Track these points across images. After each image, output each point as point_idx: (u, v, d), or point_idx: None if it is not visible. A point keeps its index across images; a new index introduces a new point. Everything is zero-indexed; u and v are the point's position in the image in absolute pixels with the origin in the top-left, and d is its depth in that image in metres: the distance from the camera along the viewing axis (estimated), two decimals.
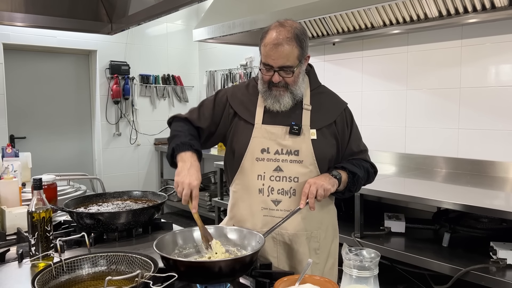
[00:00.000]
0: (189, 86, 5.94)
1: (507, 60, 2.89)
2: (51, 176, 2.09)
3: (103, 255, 1.29)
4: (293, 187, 1.57)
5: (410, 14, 2.91)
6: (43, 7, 2.61)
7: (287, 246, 1.61)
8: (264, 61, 1.53)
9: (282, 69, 1.51)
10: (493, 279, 2.11)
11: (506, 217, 2.14)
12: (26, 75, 4.86)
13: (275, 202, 1.57)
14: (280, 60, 1.49)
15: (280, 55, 1.48)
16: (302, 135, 1.57)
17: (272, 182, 1.57)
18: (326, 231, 1.66)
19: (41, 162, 4.51)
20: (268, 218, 1.58)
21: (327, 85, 1.77)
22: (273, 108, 1.58)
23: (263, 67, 1.54)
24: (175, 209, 5.86)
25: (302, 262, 1.59)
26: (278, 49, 1.47)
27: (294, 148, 1.57)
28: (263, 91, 1.59)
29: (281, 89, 1.55)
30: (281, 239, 1.60)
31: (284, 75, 1.52)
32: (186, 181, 1.41)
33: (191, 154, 1.49)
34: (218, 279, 1.22)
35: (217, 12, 3.97)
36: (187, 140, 1.53)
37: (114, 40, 5.01)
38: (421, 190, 2.69)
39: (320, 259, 1.63)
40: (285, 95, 1.55)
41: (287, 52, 1.48)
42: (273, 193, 1.57)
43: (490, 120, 2.99)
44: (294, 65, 1.51)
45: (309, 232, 1.61)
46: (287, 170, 1.57)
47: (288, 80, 1.53)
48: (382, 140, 3.61)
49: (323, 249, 1.65)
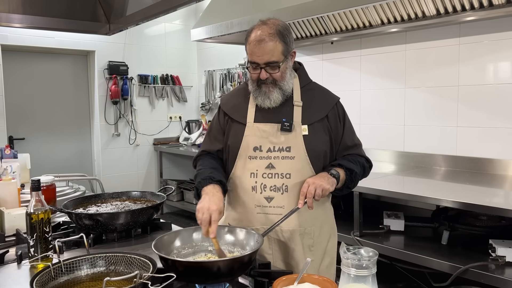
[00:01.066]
0: (188, 86, 5.94)
1: (505, 58, 2.89)
2: (50, 177, 2.09)
3: (101, 255, 1.29)
4: (285, 184, 1.58)
5: (408, 13, 2.91)
6: (40, 8, 2.60)
7: (281, 243, 1.61)
8: (250, 59, 1.56)
9: (268, 65, 1.54)
10: (492, 276, 2.11)
11: (505, 214, 2.14)
12: (25, 76, 4.86)
13: (268, 199, 1.59)
14: (265, 56, 1.52)
15: (264, 51, 1.51)
16: (294, 131, 1.59)
17: (264, 179, 1.59)
18: (320, 228, 1.67)
19: (40, 163, 4.50)
20: (262, 215, 1.60)
21: (326, 84, 1.78)
22: (264, 104, 1.61)
23: (250, 66, 1.58)
24: (174, 209, 5.86)
25: (296, 258, 1.60)
26: (261, 46, 1.51)
27: (286, 145, 1.58)
28: (253, 89, 1.62)
29: (269, 85, 1.58)
30: (275, 236, 1.61)
31: (270, 71, 1.55)
32: (206, 206, 1.42)
33: (213, 186, 1.52)
34: (217, 279, 1.22)
35: (215, 12, 3.97)
36: (207, 174, 1.57)
37: (112, 40, 5.00)
38: (420, 188, 2.69)
39: (314, 256, 1.63)
40: (274, 91, 1.58)
41: (271, 48, 1.51)
42: (265, 190, 1.59)
43: (488, 117, 2.99)
44: (279, 60, 1.54)
45: (302, 228, 1.61)
46: (279, 166, 1.58)
47: (276, 76, 1.56)
48: (381, 139, 3.61)
49: (317, 246, 1.65)
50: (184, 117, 5.93)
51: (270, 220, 1.55)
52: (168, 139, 5.78)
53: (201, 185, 1.54)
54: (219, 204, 1.44)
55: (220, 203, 1.45)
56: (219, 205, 1.43)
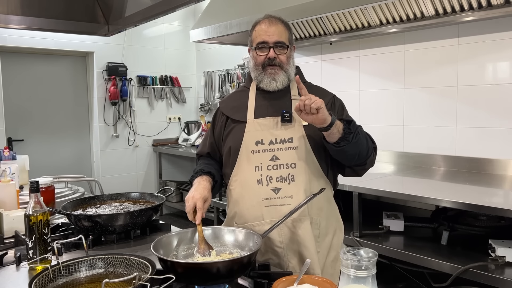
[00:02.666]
0: (187, 87, 5.94)
1: (504, 58, 2.90)
2: (48, 179, 2.09)
3: (100, 257, 1.29)
4: (291, 173, 1.58)
5: (407, 13, 2.91)
6: (39, 9, 2.60)
7: (290, 232, 1.59)
8: (259, 40, 1.61)
9: (277, 45, 1.60)
10: (492, 276, 2.11)
11: (504, 214, 2.14)
12: (23, 78, 4.85)
13: (275, 190, 1.58)
14: (275, 36, 1.60)
15: (275, 31, 1.60)
16: (294, 122, 1.61)
17: (269, 171, 1.59)
18: (327, 219, 1.65)
19: (38, 164, 4.50)
20: (270, 208, 1.57)
21: (325, 84, 1.78)
22: (270, 87, 1.63)
23: (257, 48, 1.63)
24: (173, 210, 5.85)
25: (307, 246, 1.57)
26: (272, 26, 1.61)
27: (287, 136, 1.60)
28: (258, 74, 1.65)
29: (276, 67, 1.62)
30: (284, 226, 1.57)
31: (278, 52, 1.61)
32: (191, 195, 1.52)
33: (201, 177, 1.62)
34: (216, 280, 1.22)
35: (214, 13, 3.97)
36: (199, 169, 1.68)
37: (111, 41, 5.00)
38: (420, 188, 2.69)
39: (321, 247, 1.62)
40: (280, 73, 1.62)
41: (281, 30, 1.62)
42: (272, 181, 1.58)
43: (487, 117, 2.99)
44: (286, 43, 1.62)
45: (310, 217, 1.60)
46: (284, 157, 1.59)
47: (282, 58, 1.62)
48: (380, 139, 3.58)
49: (323, 237, 1.63)
50: (183, 118, 5.93)
51: (279, 212, 1.54)
52: (167, 140, 5.78)
53: (192, 179, 1.64)
54: (203, 192, 1.53)
55: (204, 191, 1.54)
56: (202, 193, 1.52)
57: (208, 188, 1.57)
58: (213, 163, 1.75)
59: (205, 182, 1.59)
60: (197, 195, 1.50)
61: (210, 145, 1.80)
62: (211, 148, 1.79)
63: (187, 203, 1.49)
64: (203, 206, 1.49)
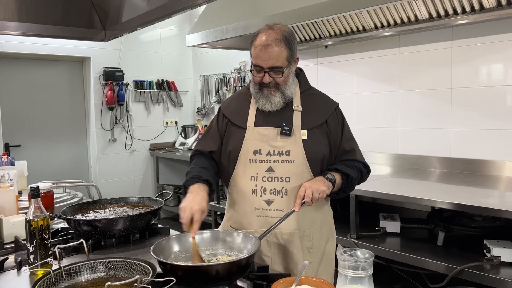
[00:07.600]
0: (184, 91, 5.95)
1: (497, 60, 2.93)
2: (47, 184, 2.10)
3: (101, 261, 1.30)
4: (285, 187, 1.60)
5: (401, 17, 2.95)
6: (36, 15, 2.61)
7: (280, 246, 1.63)
8: (254, 62, 1.59)
9: (272, 69, 1.56)
10: (487, 276, 2.13)
11: (499, 215, 2.17)
12: (20, 83, 4.85)
13: (268, 202, 1.60)
14: (270, 61, 1.55)
15: (270, 56, 1.54)
16: (293, 136, 1.61)
17: (264, 183, 1.61)
18: (319, 230, 1.69)
19: (36, 169, 4.49)
20: (261, 218, 1.61)
21: (321, 87, 1.80)
22: (265, 108, 1.63)
23: (254, 69, 1.60)
24: (172, 214, 5.85)
25: (295, 261, 1.62)
26: (267, 50, 1.53)
27: (285, 149, 1.61)
28: (255, 92, 1.64)
29: (272, 89, 1.60)
30: (274, 240, 1.63)
31: (274, 75, 1.58)
32: (188, 205, 1.45)
33: (199, 185, 1.55)
34: (216, 282, 1.23)
35: (210, 17, 3.99)
36: (196, 173, 1.60)
37: (107, 46, 5.01)
38: (416, 190, 2.72)
39: (313, 257, 1.66)
40: (276, 94, 1.60)
41: (276, 53, 1.54)
42: (265, 193, 1.61)
43: (482, 119, 3.02)
44: (283, 65, 1.57)
45: (302, 231, 1.63)
46: (279, 170, 1.60)
47: (278, 80, 1.59)
48: (376, 141, 3.64)
49: (316, 248, 1.67)
50: (180, 122, 5.94)
51: (269, 223, 1.57)
52: (164, 144, 5.79)
53: (188, 184, 1.57)
54: (202, 204, 1.47)
55: (203, 202, 1.48)
56: (201, 204, 1.46)
57: (206, 199, 1.52)
58: (209, 168, 1.68)
59: (203, 193, 1.53)
60: (196, 207, 1.44)
61: (215, 142, 1.72)
62: (217, 145, 1.72)
63: (184, 213, 1.43)
64: (200, 219, 1.45)
